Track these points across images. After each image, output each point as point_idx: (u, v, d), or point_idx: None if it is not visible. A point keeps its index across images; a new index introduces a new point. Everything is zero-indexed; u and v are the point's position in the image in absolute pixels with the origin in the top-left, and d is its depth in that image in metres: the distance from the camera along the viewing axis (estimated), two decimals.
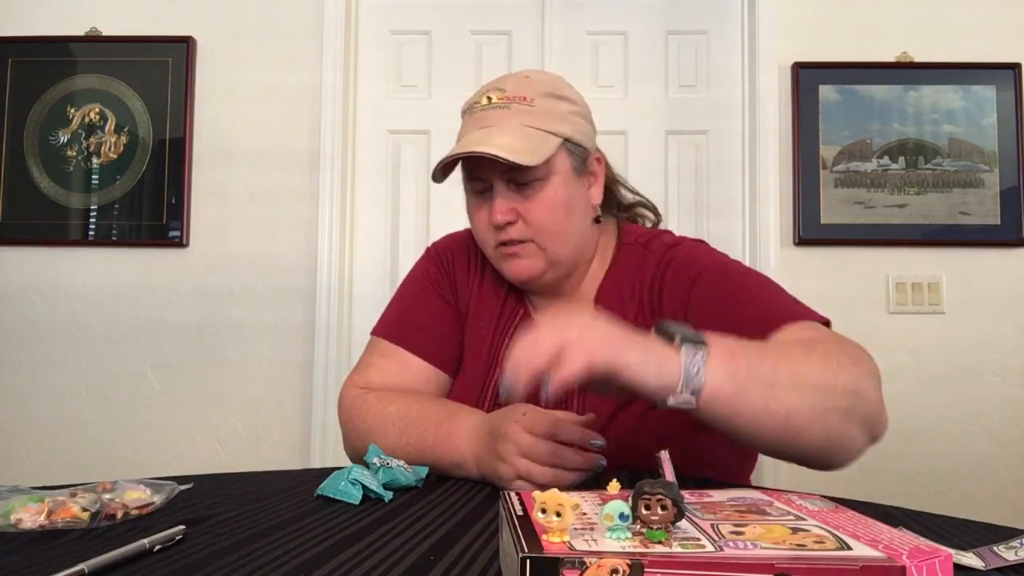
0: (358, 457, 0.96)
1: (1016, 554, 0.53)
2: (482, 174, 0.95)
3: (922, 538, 0.46)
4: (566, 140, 0.96)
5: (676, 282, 0.96)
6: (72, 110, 2.37)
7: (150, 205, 2.35)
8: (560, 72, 2.62)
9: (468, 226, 1.06)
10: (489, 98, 0.96)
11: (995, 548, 0.54)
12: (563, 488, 0.45)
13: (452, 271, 1.10)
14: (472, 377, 1.02)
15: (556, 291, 1.04)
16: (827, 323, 0.87)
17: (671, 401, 0.67)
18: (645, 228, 1.12)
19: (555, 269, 0.99)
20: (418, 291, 1.10)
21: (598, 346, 0.65)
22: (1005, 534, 0.61)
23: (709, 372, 0.66)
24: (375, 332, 1.08)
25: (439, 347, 1.05)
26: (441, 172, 0.96)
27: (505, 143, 0.91)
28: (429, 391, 1.02)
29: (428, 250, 1.15)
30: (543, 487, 0.62)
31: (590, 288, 1.03)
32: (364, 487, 0.74)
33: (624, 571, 0.38)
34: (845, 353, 0.76)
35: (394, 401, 0.97)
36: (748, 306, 0.89)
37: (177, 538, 0.57)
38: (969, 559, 0.52)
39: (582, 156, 0.99)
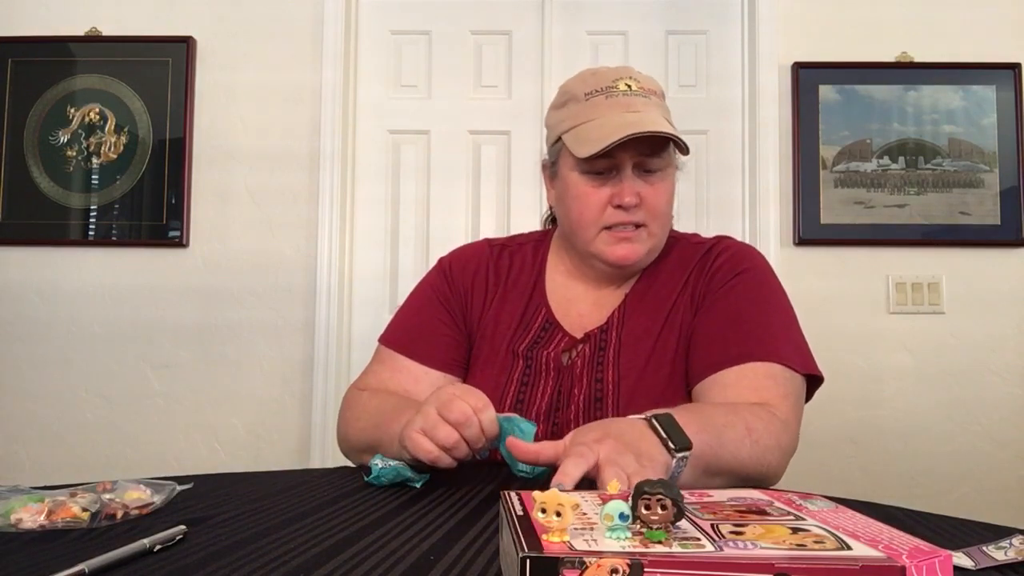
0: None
1: (1006, 554, 0.53)
2: (617, 154, 0.96)
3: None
4: None
5: (724, 267, 1.01)
6: (72, 110, 2.37)
7: (150, 205, 2.35)
8: (560, 72, 2.62)
9: (475, 239, 1.06)
10: (629, 85, 0.99)
11: (984, 548, 0.54)
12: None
13: (464, 284, 1.11)
14: (495, 371, 1.04)
15: (618, 276, 1.05)
16: (811, 371, 0.95)
17: None
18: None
19: (650, 255, 1.03)
20: (423, 301, 1.13)
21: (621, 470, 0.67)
22: (1003, 534, 0.61)
23: (682, 475, 0.77)
24: (379, 339, 1.13)
25: (437, 350, 1.07)
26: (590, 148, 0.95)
27: (668, 129, 0.95)
28: (419, 389, 1.04)
29: (440, 262, 1.17)
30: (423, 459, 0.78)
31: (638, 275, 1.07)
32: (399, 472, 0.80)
33: (624, 571, 0.38)
34: (772, 435, 0.86)
35: (377, 397, 1.03)
36: (747, 324, 0.96)
37: (177, 538, 0.57)
38: (959, 559, 0.52)
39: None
